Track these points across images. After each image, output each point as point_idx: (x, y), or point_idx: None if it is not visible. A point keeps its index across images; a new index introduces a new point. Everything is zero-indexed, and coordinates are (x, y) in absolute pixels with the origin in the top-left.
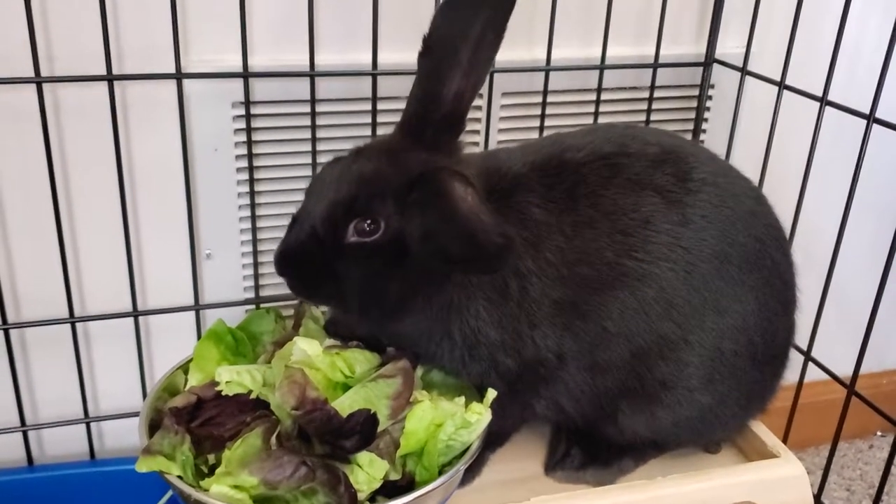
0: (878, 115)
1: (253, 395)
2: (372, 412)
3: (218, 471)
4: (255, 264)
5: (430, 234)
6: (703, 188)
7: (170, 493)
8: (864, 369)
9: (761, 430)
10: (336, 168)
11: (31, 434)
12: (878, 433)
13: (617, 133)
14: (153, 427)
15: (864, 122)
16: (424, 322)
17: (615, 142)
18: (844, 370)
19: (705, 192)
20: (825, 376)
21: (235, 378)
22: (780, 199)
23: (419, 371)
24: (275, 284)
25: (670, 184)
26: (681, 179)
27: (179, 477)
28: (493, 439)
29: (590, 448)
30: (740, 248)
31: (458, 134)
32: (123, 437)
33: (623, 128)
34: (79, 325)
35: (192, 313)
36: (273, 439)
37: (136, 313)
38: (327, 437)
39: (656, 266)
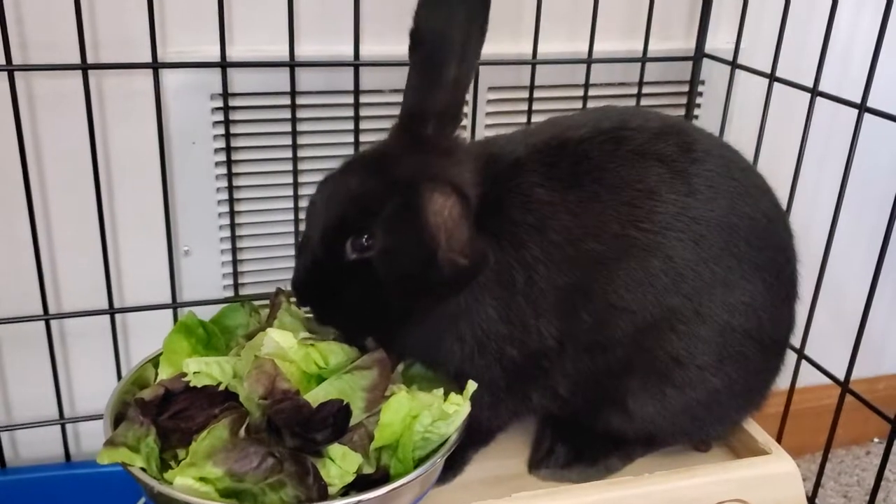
0: (872, 104)
1: (222, 387)
2: (344, 403)
3: (182, 463)
4: (235, 261)
5: (391, 250)
6: (708, 158)
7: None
8: (860, 374)
9: (752, 427)
10: (326, 188)
11: (4, 435)
12: (875, 440)
13: (616, 112)
14: (120, 421)
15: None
16: (434, 332)
17: (615, 119)
18: (839, 374)
19: (710, 163)
20: (820, 381)
21: (204, 369)
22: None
23: (400, 367)
24: (255, 283)
25: (675, 154)
26: (685, 150)
27: (143, 469)
28: (478, 438)
29: (575, 445)
30: (749, 221)
31: (457, 126)
32: (100, 439)
33: (621, 108)
34: (54, 323)
35: (170, 311)
36: (241, 431)
37: (112, 311)
38: (297, 429)
39: (663, 236)
